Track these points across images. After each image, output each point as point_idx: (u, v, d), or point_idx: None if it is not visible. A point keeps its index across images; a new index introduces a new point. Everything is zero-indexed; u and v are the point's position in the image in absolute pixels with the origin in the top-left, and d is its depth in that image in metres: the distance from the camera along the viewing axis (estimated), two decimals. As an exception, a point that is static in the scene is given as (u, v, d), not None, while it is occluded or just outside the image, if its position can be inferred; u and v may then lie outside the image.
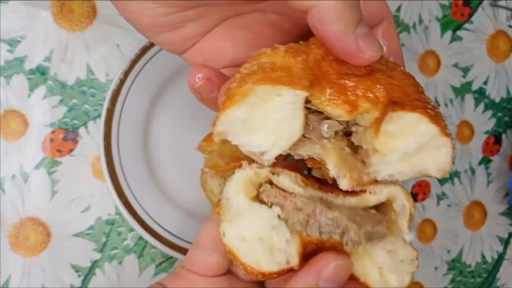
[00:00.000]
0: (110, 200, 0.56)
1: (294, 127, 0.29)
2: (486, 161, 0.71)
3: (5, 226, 0.53)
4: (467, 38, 0.70)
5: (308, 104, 0.29)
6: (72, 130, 0.55)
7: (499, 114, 0.72)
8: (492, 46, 0.71)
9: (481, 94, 0.71)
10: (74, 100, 0.55)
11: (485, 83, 0.71)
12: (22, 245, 0.54)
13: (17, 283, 0.53)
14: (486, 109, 0.71)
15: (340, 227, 0.30)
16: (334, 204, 0.32)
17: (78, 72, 0.55)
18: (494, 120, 0.71)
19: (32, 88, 0.54)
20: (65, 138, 0.55)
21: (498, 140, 0.72)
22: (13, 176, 0.53)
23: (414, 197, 0.68)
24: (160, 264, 0.58)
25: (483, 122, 0.71)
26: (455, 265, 0.70)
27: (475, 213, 0.71)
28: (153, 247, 0.57)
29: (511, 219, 0.73)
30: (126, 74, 0.54)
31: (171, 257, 0.58)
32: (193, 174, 0.59)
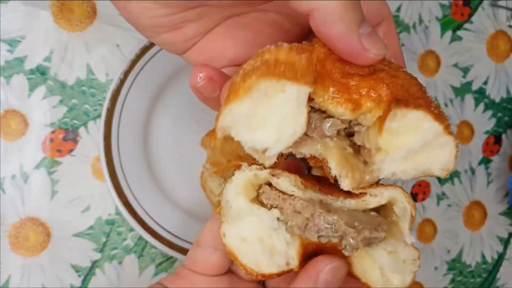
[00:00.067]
0: (110, 200, 0.56)
1: (298, 123, 0.29)
2: (486, 161, 0.71)
3: (5, 226, 0.53)
4: (467, 38, 0.70)
5: (311, 103, 0.29)
6: (72, 130, 0.55)
7: (499, 114, 0.72)
8: (492, 46, 0.71)
9: (481, 94, 0.71)
10: (74, 100, 0.55)
11: (485, 83, 0.71)
12: (22, 245, 0.54)
13: (17, 283, 0.53)
14: (486, 109, 0.71)
15: (339, 232, 0.30)
16: (333, 207, 0.31)
17: (78, 72, 0.55)
18: (494, 120, 0.71)
19: (32, 88, 0.54)
20: (65, 138, 0.55)
21: (498, 140, 0.72)
22: (13, 176, 0.53)
23: (414, 197, 0.68)
24: (160, 264, 0.58)
25: (483, 122, 0.71)
26: (455, 265, 0.70)
27: (475, 213, 0.71)
28: (153, 247, 0.57)
29: (511, 219, 0.73)
30: (126, 74, 0.54)
31: (171, 257, 0.58)
32: (193, 174, 0.59)
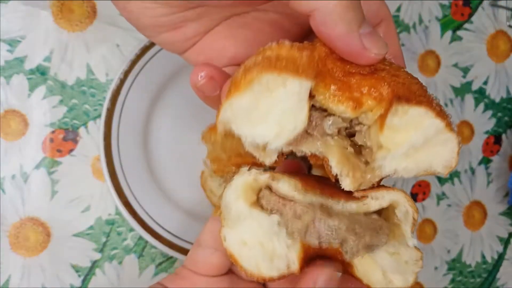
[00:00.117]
0: (110, 200, 0.56)
1: (299, 118, 0.28)
2: (486, 161, 0.71)
3: (5, 226, 0.53)
4: (467, 38, 0.70)
5: (312, 101, 0.29)
6: (72, 130, 0.55)
7: (499, 114, 0.72)
8: (492, 46, 0.71)
9: (481, 94, 0.71)
10: (74, 100, 0.55)
11: (485, 83, 0.71)
12: (22, 245, 0.54)
13: (17, 283, 0.53)
14: (486, 109, 0.71)
15: (339, 238, 0.30)
16: (334, 210, 0.31)
17: (78, 72, 0.55)
18: (494, 120, 0.71)
19: (32, 88, 0.54)
20: (65, 138, 0.55)
21: (498, 140, 0.72)
22: (13, 176, 0.53)
23: (414, 197, 0.68)
24: (160, 264, 0.58)
25: (483, 122, 0.71)
26: (455, 265, 0.70)
27: (475, 213, 0.71)
28: (153, 247, 0.57)
29: (511, 219, 0.73)
30: (126, 74, 0.54)
31: (171, 257, 0.58)
32: (193, 174, 0.59)
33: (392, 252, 0.32)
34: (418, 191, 0.68)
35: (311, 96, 0.28)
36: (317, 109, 0.29)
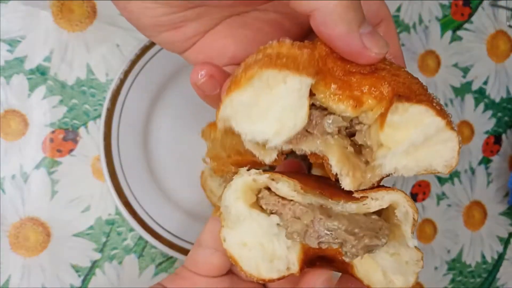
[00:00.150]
0: (110, 200, 0.56)
1: (299, 115, 0.28)
2: (486, 161, 0.71)
3: (5, 226, 0.53)
4: (467, 38, 0.70)
5: (312, 100, 0.29)
6: (72, 130, 0.55)
7: (499, 114, 0.72)
8: (492, 46, 0.71)
9: (481, 94, 0.71)
10: (74, 100, 0.55)
11: (485, 83, 0.71)
12: (22, 245, 0.54)
13: (17, 283, 0.53)
14: (486, 109, 0.71)
15: (339, 239, 0.30)
16: (334, 211, 0.31)
17: (78, 72, 0.55)
18: (494, 120, 0.71)
19: (32, 88, 0.54)
20: (65, 138, 0.55)
21: (498, 140, 0.72)
22: (13, 176, 0.53)
23: (414, 197, 0.68)
24: (160, 264, 0.58)
25: (483, 122, 0.71)
26: (455, 265, 0.70)
27: (475, 213, 0.71)
28: (153, 247, 0.57)
29: (511, 219, 0.73)
30: (126, 74, 0.54)
31: (171, 257, 0.58)
32: (193, 174, 0.59)
33: (392, 253, 0.32)
34: (418, 191, 0.68)
35: (312, 94, 0.28)
36: (317, 108, 0.29)
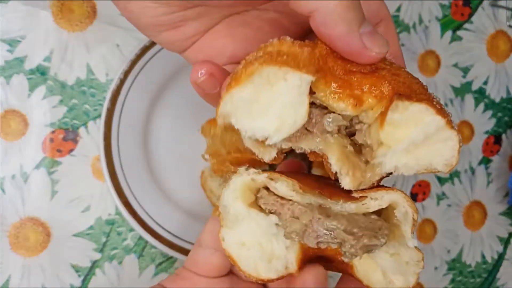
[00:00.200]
0: (110, 200, 0.56)
1: (299, 112, 0.28)
2: (486, 161, 0.71)
3: (5, 226, 0.53)
4: (467, 38, 0.70)
5: (312, 98, 0.29)
6: (72, 130, 0.55)
7: (499, 114, 0.72)
8: (492, 46, 0.71)
9: (481, 94, 0.71)
10: (74, 100, 0.55)
11: (485, 83, 0.71)
12: (22, 245, 0.54)
13: (17, 283, 0.53)
14: (486, 109, 0.71)
15: (337, 239, 0.30)
16: (333, 211, 0.31)
17: (78, 72, 0.55)
18: (494, 120, 0.71)
19: (32, 88, 0.54)
20: (65, 138, 0.55)
21: (498, 140, 0.72)
22: (13, 176, 0.53)
23: (414, 197, 0.68)
24: (160, 264, 0.58)
25: (483, 122, 0.71)
26: (455, 265, 0.70)
27: (475, 213, 0.71)
28: (153, 247, 0.57)
29: (511, 219, 0.73)
30: (126, 74, 0.54)
31: (171, 257, 0.58)
32: (193, 174, 0.59)
33: (392, 253, 0.32)
34: (418, 191, 0.68)
35: (312, 93, 0.28)
36: (317, 106, 0.29)
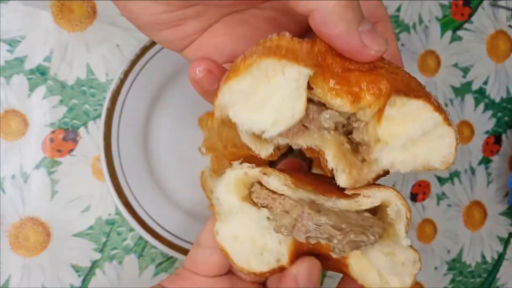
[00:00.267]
0: (110, 200, 0.56)
1: (297, 106, 0.28)
2: (486, 161, 0.71)
3: (5, 226, 0.53)
4: (467, 38, 0.70)
5: (310, 94, 0.29)
6: (72, 130, 0.55)
7: (499, 114, 0.72)
8: (492, 46, 0.71)
9: (481, 94, 0.71)
10: (74, 100, 0.55)
11: (485, 83, 0.71)
12: (22, 245, 0.54)
13: (17, 283, 0.53)
14: (486, 109, 0.71)
15: (325, 234, 0.30)
16: (324, 207, 0.31)
17: (78, 72, 0.55)
18: (494, 120, 0.71)
19: (32, 88, 0.54)
20: (65, 138, 0.55)
21: (498, 140, 0.72)
22: (13, 176, 0.53)
23: (414, 197, 0.68)
24: (160, 264, 0.58)
25: (483, 122, 0.71)
26: (455, 265, 0.70)
27: (475, 213, 0.71)
28: (153, 247, 0.57)
29: (511, 219, 0.73)
30: (126, 74, 0.54)
31: (171, 257, 0.58)
32: (193, 174, 0.59)
33: (387, 252, 0.32)
34: (418, 191, 0.68)
35: (310, 89, 0.28)
36: (315, 103, 0.29)
